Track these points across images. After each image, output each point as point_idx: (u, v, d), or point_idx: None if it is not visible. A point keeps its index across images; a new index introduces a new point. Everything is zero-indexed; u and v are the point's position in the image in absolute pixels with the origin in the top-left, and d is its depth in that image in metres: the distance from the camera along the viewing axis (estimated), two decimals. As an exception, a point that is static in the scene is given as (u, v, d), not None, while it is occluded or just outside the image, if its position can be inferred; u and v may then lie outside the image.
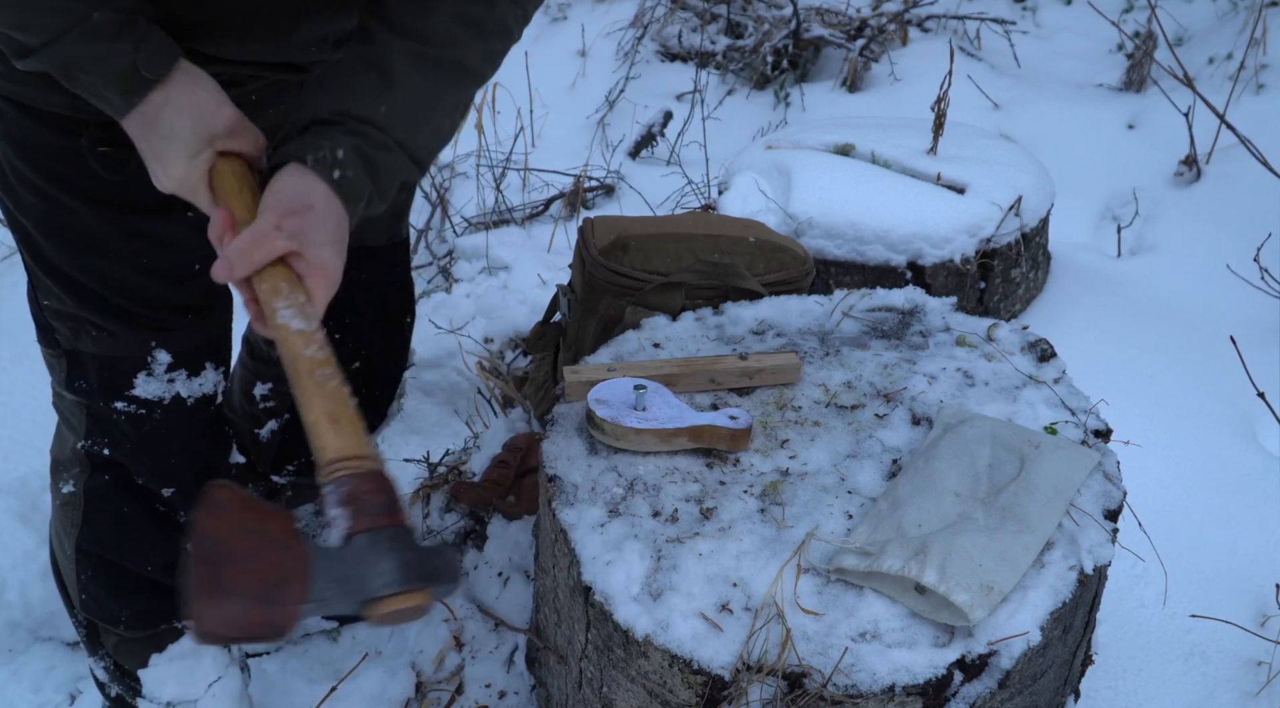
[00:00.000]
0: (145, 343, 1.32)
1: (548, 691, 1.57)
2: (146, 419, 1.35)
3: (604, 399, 1.40)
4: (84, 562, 1.44)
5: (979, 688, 1.16)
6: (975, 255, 2.42)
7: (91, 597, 1.45)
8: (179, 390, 1.36)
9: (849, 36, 4.13)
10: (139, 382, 1.33)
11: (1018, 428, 1.42)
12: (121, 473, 1.40)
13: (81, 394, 1.35)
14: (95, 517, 1.42)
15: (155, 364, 1.33)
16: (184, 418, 1.38)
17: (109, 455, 1.38)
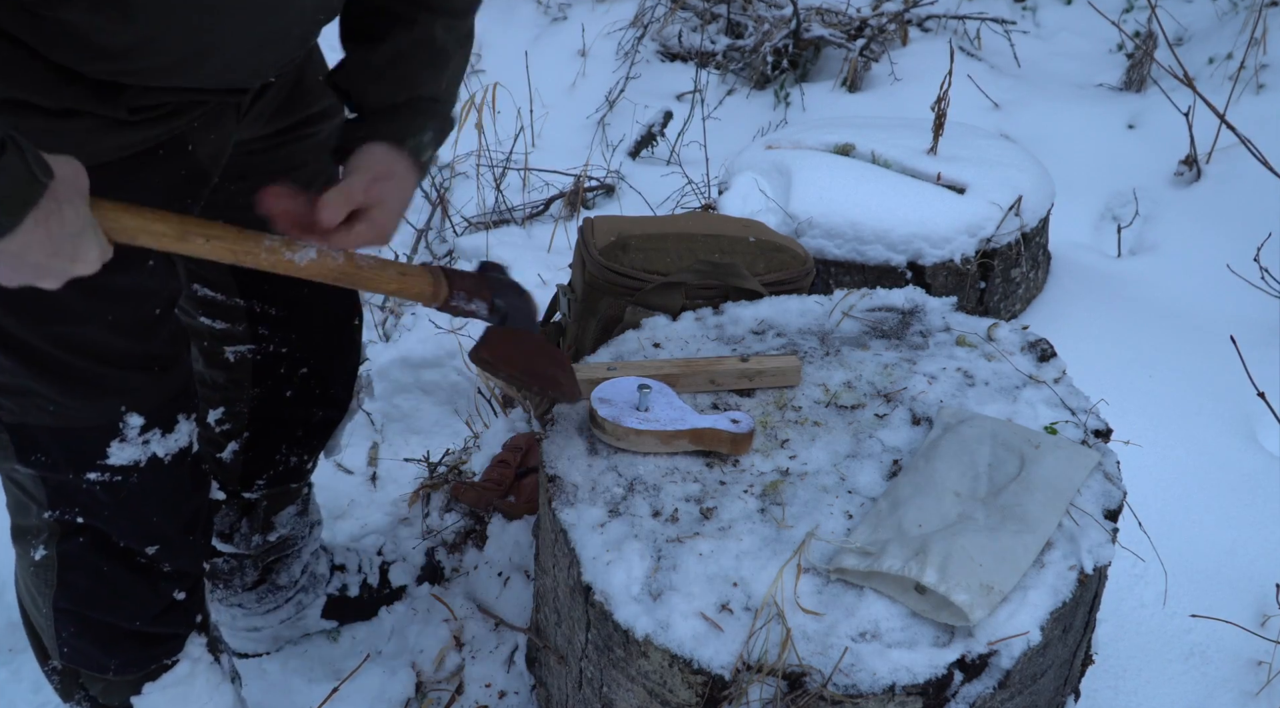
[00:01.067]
0: (114, 409, 1.24)
1: (548, 691, 1.57)
2: (123, 485, 1.29)
3: (607, 399, 1.40)
4: (64, 619, 1.37)
5: (979, 688, 1.16)
6: (975, 255, 2.42)
7: (75, 650, 1.39)
8: (155, 450, 1.29)
9: (849, 36, 4.13)
10: (113, 450, 1.26)
11: (1018, 428, 1.42)
12: (98, 536, 1.32)
13: (41, 467, 1.26)
14: (72, 579, 1.34)
15: (128, 429, 1.26)
16: (163, 476, 1.32)
17: (82, 522, 1.31)
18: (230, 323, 1.52)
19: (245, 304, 1.51)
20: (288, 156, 1.41)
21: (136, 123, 1.09)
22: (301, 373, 1.61)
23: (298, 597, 1.83)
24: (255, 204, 1.14)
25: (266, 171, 1.38)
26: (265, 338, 1.55)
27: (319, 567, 1.87)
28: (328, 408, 1.68)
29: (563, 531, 1.29)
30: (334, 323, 1.62)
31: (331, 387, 1.67)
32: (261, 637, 1.86)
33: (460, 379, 2.47)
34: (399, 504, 2.20)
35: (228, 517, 1.70)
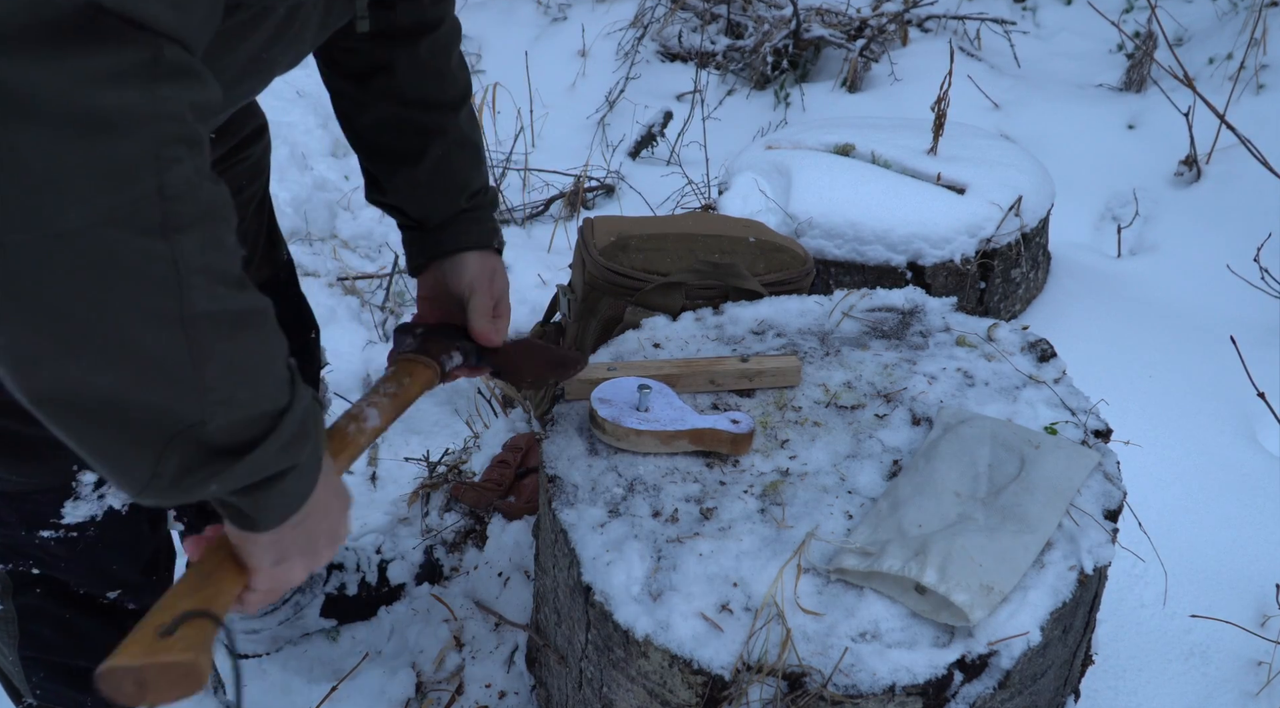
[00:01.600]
0: (66, 469, 1.20)
1: (548, 691, 1.57)
2: (80, 540, 1.25)
3: (607, 399, 1.40)
4: (33, 666, 1.34)
5: (979, 688, 1.16)
6: (975, 255, 2.42)
7: (48, 692, 1.36)
8: (111, 503, 1.25)
9: (849, 36, 4.13)
10: (67, 509, 1.21)
11: (1018, 428, 1.42)
12: (55, 585, 1.29)
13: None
14: (35, 629, 1.31)
15: (81, 487, 1.22)
16: (120, 527, 1.27)
17: (38, 573, 1.27)
18: None
19: None
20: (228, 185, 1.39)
21: None
22: None
23: (295, 597, 1.83)
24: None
25: None
26: None
27: None
28: None
29: (563, 531, 1.29)
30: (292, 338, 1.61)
31: None
32: (260, 638, 1.85)
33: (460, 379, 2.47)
34: (399, 504, 2.20)
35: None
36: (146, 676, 0.84)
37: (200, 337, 0.72)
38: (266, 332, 0.80)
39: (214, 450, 0.77)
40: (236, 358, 0.76)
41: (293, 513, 0.88)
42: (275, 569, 0.93)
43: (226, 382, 0.75)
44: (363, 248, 3.29)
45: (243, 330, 0.76)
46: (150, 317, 0.69)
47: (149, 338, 0.70)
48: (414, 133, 1.30)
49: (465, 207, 1.33)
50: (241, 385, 0.77)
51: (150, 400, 0.72)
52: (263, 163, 1.47)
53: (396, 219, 1.38)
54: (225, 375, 0.75)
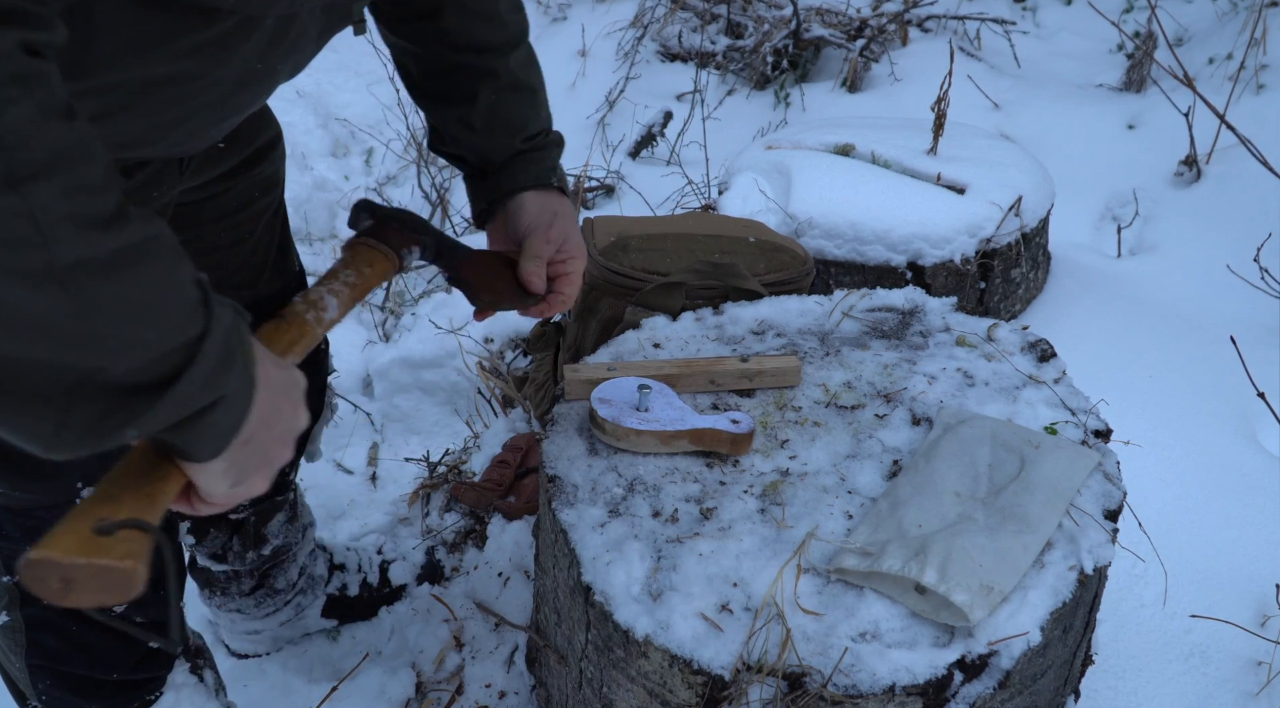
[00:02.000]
0: (70, 487, 1.18)
1: (548, 691, 1.57)
2: None
3: (607, 398, 1.40)
4: (39, 673, 1.34)
5: (979, 688, 1.16)
6: (975, 255, 2.42)
7: (54, 699, 1.36)
8: None
9: (849, 36, 4.13)
10: None
11: (1018, 428, 1.42)
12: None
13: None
14: (41, 639, 1.31)
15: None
16: None
17: None
18: None
19: None
20: (233, 200, 1.38)
21: None
22: None
23: (296, 599, 1.83)
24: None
25: (216, 216, 1.37)
26: None
27: (316, 568, 1.87)
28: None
29: (563, 531, 1.29)
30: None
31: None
32: (261, 639, 1.85)
33: (460, 379, 2.47)
34: (399, 504, 2.20)
35: (217, 539, 1.67)
36: (76, 574, 0.76)
37: (79, 287, 0.66)
38: (161, 262, 0.73)
39: (126, 392, 0.71)
40: (129, 298, 0.69)
41: (231, 438, 0.81)
42: (232, 491, 0.87)
43: (123, 325, 0.69)
44: (363, 248, 3.29)
45: (130, 269, 0.69)
46: (16, 276, 0.64)
47: (21, 298, 0.64)
48: (465, 77, 1.30)
49: (521, 148, 1.33)
50: (143, 325, 0.70)
51: (38, 358, 0.66)
52: (277, 176, 1.46)
53: (461, 169, 1.38)
54: (120, 320, 0.69)
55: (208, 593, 1.76)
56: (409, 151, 3.65)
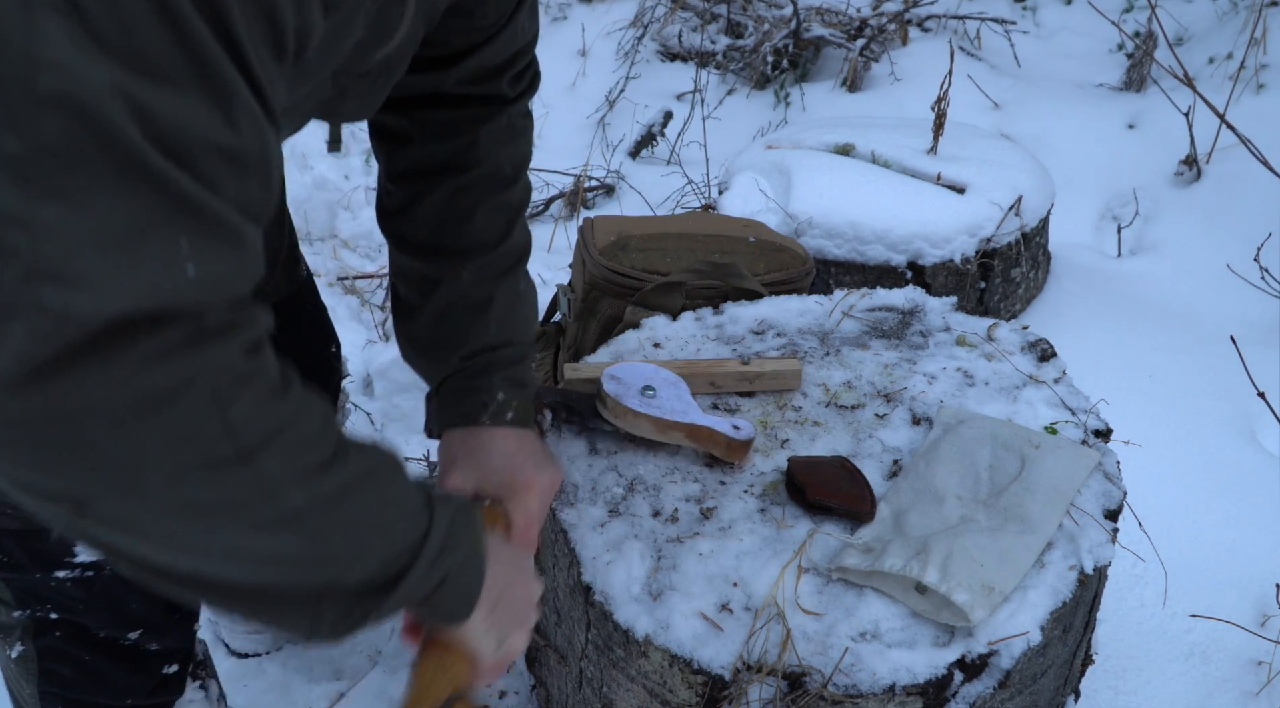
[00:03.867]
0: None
1: (548, 690, 1.57)
2: (96, 579, 1.21)
3: (618, 377, 1.38)
4: (51, 701, 1.32)
5: (979, 688, 1.16)
6: (975, 255, 2.42)
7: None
8: None
9: (849, 36, 4.12)
10: (79, 546, 1.18)
11: (1018, 428, 1.42)
12: (74, 628, 1.25)
13: (4, 569, 1.20)
14: (55, 669, 1.28)
15: None
16: None
17: (57, 618, 1.24)
18: None
19: None
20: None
21: None
22: None
23: None
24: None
25: None
26: None
27: None
28: None
29: (563, 531, 1.29)
30: (312, 355, 1.60)
31: None
32: (263, 637, 1.85)
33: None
34: (399, 504, 2.20)
35: None
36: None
37: (311, 523, 0.76)
38: (380, 485, 0.83)
39: (363, 593, 0.83)
40: (356, 520, 0.80)
41: (473, 601, 0.95)
42: (501, 651, 1.01)
43: (354, 543, 0.80)
44: (363, 248, 3.29)
45: (354, 496, 0.79)
46: (256, 528, 0.74)
47: (265, 541, 0.75)
48: (416, 285, 1.22)
49: (454, 371, 1.21)
50: (372, 538, 0.82)
51: (288, 581, 0.78)
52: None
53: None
54: (350, 538, 0.80)
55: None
56: (409, 151, 3.64)
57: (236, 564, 0.75)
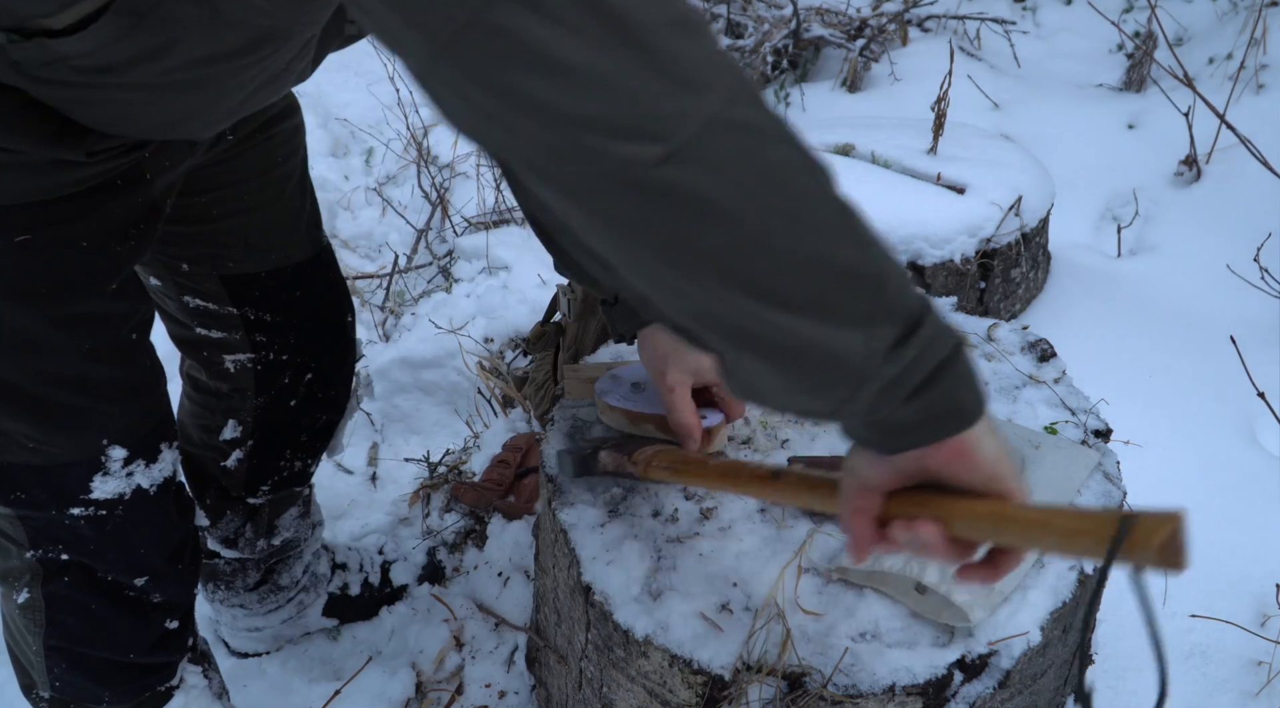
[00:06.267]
0: (96, 442, 1.22)
1: (548, 691, 1.57)
2: (109, 519, 1.26)
3: (617, 376, 1.42)
4: (55, 656, 1.35)
5: (979, 688, 1.16)
6: (975, 255, 2.42)
7: (68, 683, 1.37)
8: (139, 482, 1.27)
9: (849, 36, 4.12)
10: (96, 484, 1.23)
11: (1018, 428, 1.42)
12: (83, 572, 1.30)
13: (21, 506, 1.23)
14: (60, 618, 1.32)
15: (110, 462, 1.23)
16: (149, 508, 1.29)
17: (67, 559, 1.29)
18: (226, 331, 1.51)
19: (239, 312, 1.50)
20: (252, 162, 1.40)
21: (89, 163, 1.08)
22: (306, 380, 1.60)
23: (299, 597, 1.83)
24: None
25: (232, 181, 1.38)
26: (263, 345, 1.54)
27: (320, 567, 1.87)
28: (330, 411, 1.68)
29: (563, 531, 1.29)
30: (329, 322, 1.62)
31: (333, 389, 1.67)
32: (262, 636, 1.86)
33: (460, 379, 2.47)
34: (399, 504, 2.20)
35: (231, 523, 1.69)
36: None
37: (855, 227, 0.78)
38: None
39: (897, 319, 0.79)
40: (880, 253, 0.79)
41: (983, 394, 0.85)
42: (999, 468, 0.85)
43: (885, 269, 0.79)
44: (363, 248, 3.30)
45: (868, 235, 0.80)
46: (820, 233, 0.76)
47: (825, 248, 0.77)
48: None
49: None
50: (894, 273, 0.80)
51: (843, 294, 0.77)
52: (296, 141, 1.47)
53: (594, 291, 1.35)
54: (884, 265, 0.79)
55: (211, 587, 1.77)
56: (409, 151, 3.65)
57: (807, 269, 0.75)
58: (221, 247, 1.43)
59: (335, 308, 1.62)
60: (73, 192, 1.09)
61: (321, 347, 1.61)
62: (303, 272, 1.54)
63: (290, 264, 1.51)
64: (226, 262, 1.44)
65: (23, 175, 1.04)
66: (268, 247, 1.47)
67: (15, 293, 1.10)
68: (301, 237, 1.53)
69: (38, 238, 1.08)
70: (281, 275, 1.50)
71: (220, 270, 1.45)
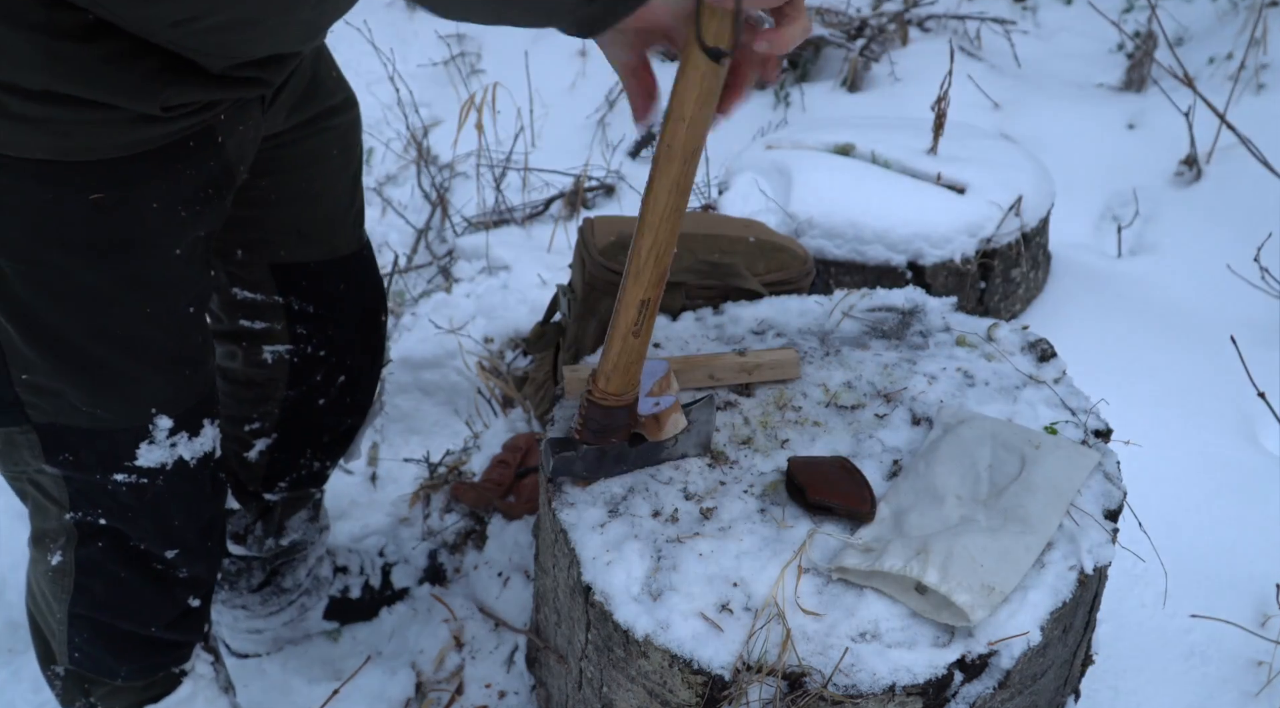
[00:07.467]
0: (145, 411, 1.25)
1: (548, 691, 1.57)
2: (149, 487, 1.29)
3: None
4: (78, 625, 1.37)
5: (979, 688, 1.16)
6: (975, 255, 2.42)
7: (86, 655, 1.39)
8: (181, 453, 1.30)
9: (849, 36, 4.12)
10: (141, 451, 1.26)
11: (1018, 428, 1.42)
12: (116, 538, 1.33)
13: (67, 467, 1.26)
14: (89, 584, 1.34)
15: (157, 431, 1.26)
16: (187, 480, 1.32)
17: (103, 524, 1.31)
18: (269, 322, 1.54)
19: (284, 301, 1.53)
20: (311, 150, 1.43)
21: (164, 119, 1.09)
22: (339, 381, 1.62)
23: (301, 599, 1.83)
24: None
25: (292, 166, 1.41)
26: (303, 337, 1.56)
27: (323, 570, 1.87)
28: (354, 415, 1.69)
29: (563, 531, 1.29)
30: (367, 318, 1.64)
31: (360, 392, 1.68)
32: (263, 638, 1.86)
33: (460, 379, 2.47)
34: (399, 505, 2.20)
35: (243, 519, 1.70)
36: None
37: None
38: None
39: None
40: None
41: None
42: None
43: None
44: (363, 248, 3.29)
45: None
46: None
47: None
48: None
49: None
50: None
51: None
52: (351, 137, 1.50)
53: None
54: None
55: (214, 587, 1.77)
56: (409, 151, 3.65)
57: None
58: (277, 233, 1.46)
59: (374, 304, 1.65)
60: (145, 151, 1.09)
61: (358, 343, 1.63)
62: (348, 265, 1.57)
63: (337, 256, 1.54)
64: (279, 250, 1.48)
65: (99, 131, 1.04)
66: (319, 237, 1.50)
67: (86, 249, 1.12)
68: (349, 231, 1.56)
69: (110, 196, 1.09)
70: (329, 266, 1.53)
71: (272, 258, 1.48)
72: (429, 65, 4.25)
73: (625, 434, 1.33)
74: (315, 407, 1.62)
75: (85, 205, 1.09)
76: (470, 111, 3.14)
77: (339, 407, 1.65)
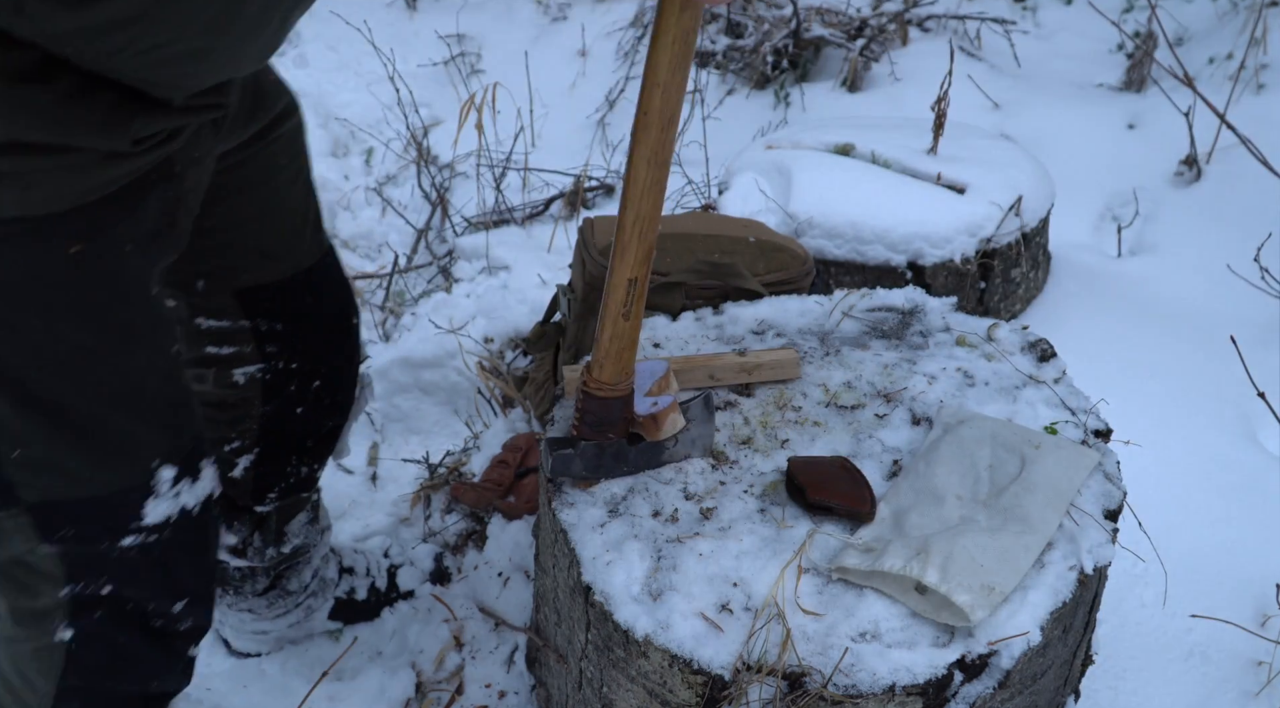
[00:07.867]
0: (148, 466, 1.20)
1: (548, 691, 1.57)
2: (156, 545, 1.23)
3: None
4: (67, 697, 1.29)
5: (979, 688, 1.16)
6: (975, 255, 2.42)
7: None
8: (184, 502, 1.25)
9: (849, 36, 4.12)
10: (148, 509, 1.20)
11: (1018, 428, 1.42)
12: (116, 605, 1.26)
13: (67, 543, 1.18)
14: (85, 657, 1.27)
15: (160, 484, 1.21)
16: (192, 528, 1.27)
17: (106, 593, 1.24)
18: (238, 346, 1.50)
19: (251, 324, 1.48)
20: (262, 166, 1.39)
21: (133, 154, 1.04)
22: (314, 387, 1.59)
23: (307, 601, 1.83)
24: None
25: (245, 185, 1.37)
26: (273, 354, 1.53)
27: (328, 571, 1.87)
28: (336, 416, 1.67)
29: (563, 531, 1.29)
30: (337, 323, 1.62)
31: (339, 393, 1.66)
32: (266, 639, 1.85)
33: (460, 379, 2.47)
34: (400, 505, 2.20)
35: (239, 532, 1.68)
36: None
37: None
38: None
39: None
40: None
41: None
42: None
43: None
44: (363, 248, 3.30)
45: None
46: None
47: None
48: None
49: None
50: None
51: None
52: (298, 143, 1.46)
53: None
54: None
55: (219, 591, 1.76)
56: (409, 151, 3.65)
57: None
58: (238, 257, 1.42)
59: (343, 310, 1.61)
60: (113, 191, 1.05)
61: (329, 350, 1.60)
62: (312, 277, 1.53)
63: (301, 270, 1.50)
64: (242, 274, 1.43)
65: (70, 176, 0.99)
66: (281, 253, 1.46)
67: (71, 307, 1.06)
68: (309, 240, 1.52)
69: (90, 247, 1.05)
70: (293, 282, 1.50)
71: (235, 284, 1.43)
72: (429, 65, 4.25)
73: (623, 431, 1.33)
74: (294, 416, 1.59)
75: (62, 261, 1.03)
76: (470, 111, 3.14)
77: (318, 411, 1.62)
